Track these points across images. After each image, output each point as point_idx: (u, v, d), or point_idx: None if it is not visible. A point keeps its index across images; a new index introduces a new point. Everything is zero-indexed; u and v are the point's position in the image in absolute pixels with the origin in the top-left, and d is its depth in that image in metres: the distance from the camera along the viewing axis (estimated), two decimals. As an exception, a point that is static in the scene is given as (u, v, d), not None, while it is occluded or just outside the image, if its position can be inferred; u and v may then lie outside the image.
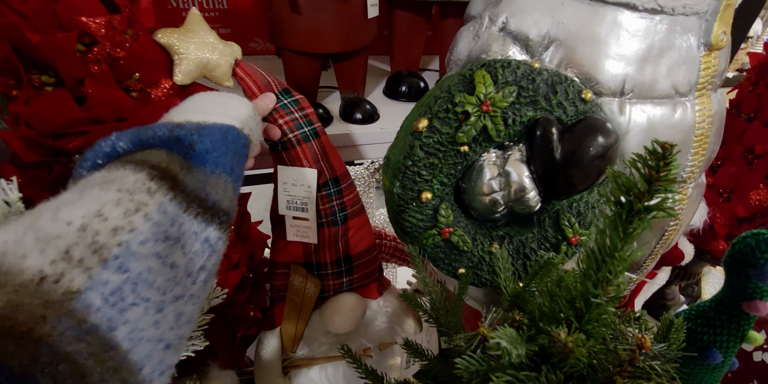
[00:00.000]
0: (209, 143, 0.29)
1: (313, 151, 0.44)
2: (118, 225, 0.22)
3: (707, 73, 0.40)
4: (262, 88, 0.41)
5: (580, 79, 0.38)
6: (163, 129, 0.29)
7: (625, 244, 0.22)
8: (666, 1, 0.36)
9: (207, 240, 0.27)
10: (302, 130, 0.43)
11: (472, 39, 0.41)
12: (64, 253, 0.20)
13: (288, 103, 0.42)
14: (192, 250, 0.25)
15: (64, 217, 0.21)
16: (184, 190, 0.26)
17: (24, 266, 0.19)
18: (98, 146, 0.28)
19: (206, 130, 0.30)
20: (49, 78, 0.33)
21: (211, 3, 0.89)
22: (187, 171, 0.27)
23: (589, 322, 0.24)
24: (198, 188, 0.27)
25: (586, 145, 0.36)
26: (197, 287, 0.26)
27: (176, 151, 0.29)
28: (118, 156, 0.28)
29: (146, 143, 0.28)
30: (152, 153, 0.28)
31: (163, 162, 0.27)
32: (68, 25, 0.32)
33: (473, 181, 0.39)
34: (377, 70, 0.93)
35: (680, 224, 0.48)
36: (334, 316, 0.54)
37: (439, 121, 0.36)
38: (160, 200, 0.24)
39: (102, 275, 0.20)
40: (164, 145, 0.29)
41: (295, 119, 0.42)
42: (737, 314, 0.41)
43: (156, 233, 0.23)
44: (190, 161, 0.28)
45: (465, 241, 0.41)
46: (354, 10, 0.64)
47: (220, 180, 0.29)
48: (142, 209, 0.23)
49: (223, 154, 0.30)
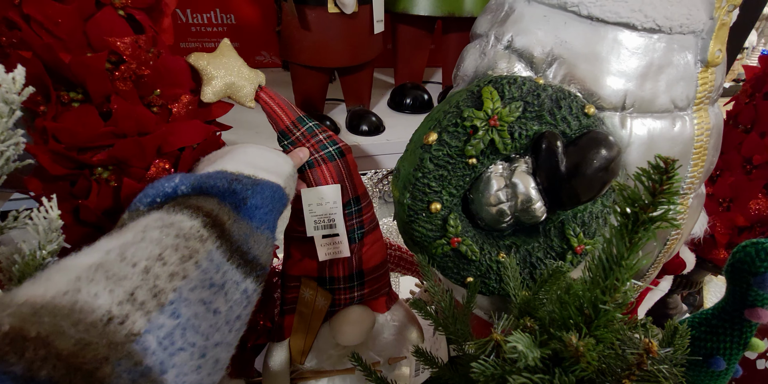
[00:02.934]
0: (260, 199, 0.31)
1: (338, 169, 0.45)
2: (174, 271, 0.23)
3: (704, 88, 0.42)
4: (286, 111, 0.43)
5: (583, 94, 0.40)
6: (223, 180, 0.31)
7: (631, 253, 0.23)
8: (663, 21, 0.38)
9: (245, 291, 0.28)
10: (327, 150, 0.44)
11: (478, 56, 0.43)
12: (130, 294, 0.21)
13: (312, 125, 0.43)
14: (233, 299, 0.26)
15: (131, 258, 0.23)
16: (230, 240, 0.27)
17: (96, 305, 0.20)
18: (161, 185, 0.30)
19: (259, 186, 0.32)
20: (76, 94, 0.35)
21: (221, 18, 0.91)
22: (234, 221, 0.29)
23: (598, 327, 0.25)
24: (242, 240, 0.28)
25: (589, 158, 0.37)
26: (232, 336, 0.27)
27: (228, 201, 0.30)
28: (176, 197, 0.30)
29: (204, 190, 0.30)
30: (207, 200, 0.29)
31: (215, 210, 0.28)
32: (97, 45, 0.34)
33: (481, 192, 0.40)
34: (382, 83, 0.95)
35: (681, 234, 0.49)
36: (344, 329, 0.55)
37: (449, 134, 0.38)
38: (209, 248, 0.26)
39: (159, 319, 0.21)
40: (219, 194, 0.30)
41: (319, 141, 0.44)
42: (739, 322, 0.42)
43: (203, 280, 0.24)
44: (240, 213, 0.30)
45: (473, 251, 0.42)
46: (360, 27, 0.66)
47: (262, 236, 0.31)
48: (194, 256, 0.24)
49: (269, 211, 0.32)
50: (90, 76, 0.33)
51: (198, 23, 0.90)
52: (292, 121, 0.43)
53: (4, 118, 0.22)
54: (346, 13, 0.62)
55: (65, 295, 0.20)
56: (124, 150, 0.37)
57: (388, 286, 0.58)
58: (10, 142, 0.23)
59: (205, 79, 0.41)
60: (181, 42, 0.89)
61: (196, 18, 0.89)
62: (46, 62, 0.32)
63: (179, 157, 0.41)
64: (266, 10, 0.92)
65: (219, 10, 0.90)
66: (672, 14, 0.37)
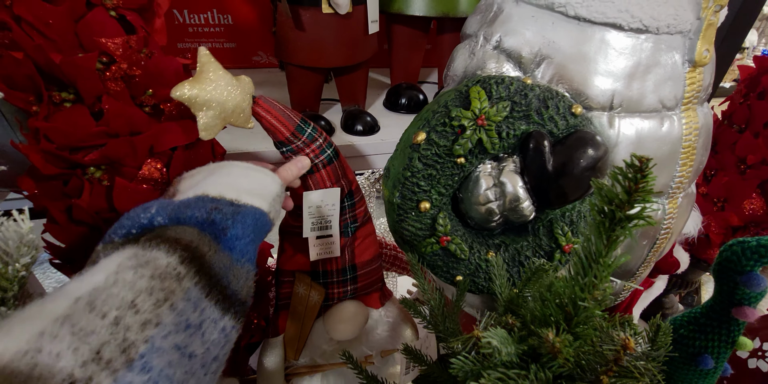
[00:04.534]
0: (240, 229, 0.30)
1: (335, 171, 0.45)
2: (148, 318, 0.22)
3: (692, 88, 0.42)
4: (284, 122, 0.42)
5: (571, 94, 0.40)
6: (202, 210, 0.29)
7: (609, 251, 0.24)
8: (650, 21, 0.38)
9: (223, 329, 0.26)
10: (326, 154, 0.44)
11: (468, 56, 0.43)
12: (96, 352, 0.20)
13: (311, 131, 0.43)
14: (210, 339, 0.25)
15: (101, 308, 0.21)
16: (209, 274, 0.26)
17: (56, 369, 0.19)
18: (136, 216, 0.28)
19: (240, 215, 0.30)
20: (68, 95, 0.35)
21: (217, 19, 0.92)
22: (214, 253, 0.28)
23: (578, 324, 0.25)
24: (221, 274, 0.27)
25: (576, 157, 0.37)
26: (208, 379, 0.25)
27: (208, 231, 0.29)
28: (153, 229, 0.28)
29: (182, 221, 0.29)
30: (185, 230, 0.28)
31: (194, 241, 0.27)
32: (88, 45, 0.34)
33: (470, 191, 0.41)
34: (378, 83, 0.95)
35: (671, 232, 0.49)
36: (338, 324, 0.55)
37: (437, 134, 0.38)
38: (187, 286, 0.25)
39: (126, 377, 0.20)
40: (198, 224, 0.29)
41: (319, 145, 0.44)
42: (727, 320, 0.42)
43: (178, 323, 0.23)
44: (219, 244, 0.29)
45: (462, 249, 0.42)
46: (355, 27, 0.67)
47: (242, 269, 0.29)
48: (170, 298, 0.23)
49: (250, 241, 0.31)
50: (81, 77, 0.33)
51: (195, 24, 0.90)
52: (291, 131, 0.42)
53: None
54: (341, 14, 0.62)
55: (24, 356, 0.19)
56: (116, 150, 0.37)
57: (381, 282, 0.58)
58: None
59: (198, 116, 0.37)
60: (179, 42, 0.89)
61: (193, 18, 0.90)
62: (37, 63, 0.33)
63: (171, 156, 0.41)
64: (263, 11, 0.92)
65: (216, 10, 0.90)
66: (659, 14, 0.38)
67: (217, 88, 0.37)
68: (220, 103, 0.37)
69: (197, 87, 0.36)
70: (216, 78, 0.37)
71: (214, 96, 0.36)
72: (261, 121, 0.42)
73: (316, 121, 0.70)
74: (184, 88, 0.35)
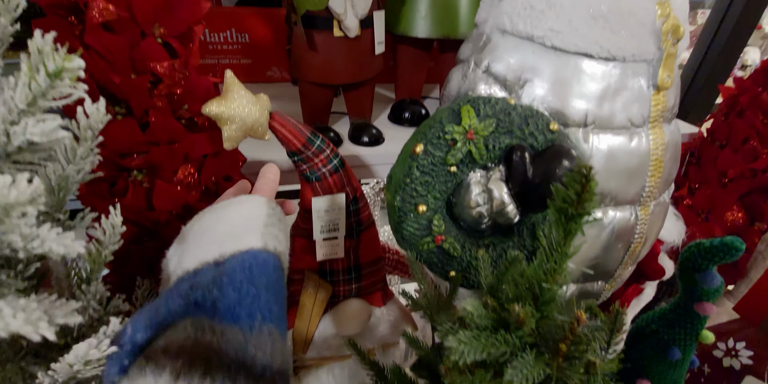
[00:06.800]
0: (233, 294, 0.25)
1: (341, 178, 0.51)
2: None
3: (657, 108, 0.48)
4: (296, 135, 0.46)
5: (550, 112, 0.46)
6: (177, 300, 0.25)
7: (567, 242, 0.29)
8: (617, 51, 0.44)
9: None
10: (333, 163, 0.49)
11: (461, 78, 0.50)
12: None
13: (320, 143, 0.47)
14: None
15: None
16: (225, 363, 0.22)
17: None
18: (119, 346, 0.24)
19: (225, 276, 0.26)
20: (120, 109, 0.42)
21: (236, 37, 0.99)
22: (221, 335, 0.23)
23: (543, 303, 0.31)
24: (240, 355, 0.23)
25: (553, 167, 0.43)
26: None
27: (201, 314, 0.25)
28: (141, 349, 0.24)
29: (165, 323, 0.25)
30: (176, 329, 0.24)
31: (189, 337, 0.23)
32: (140, 68, 0.41)
33: (462, 196, 0.47)
34: (383, 97, 1.01)
35: (645, 237, 0.55)
36: (344, 320, 0.60)
37: (432, 145, 0.44)
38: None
39: None
40: (185, 314, 0.25)
41: (327, 156, 0.48)
42: (691, 315, 0.47)
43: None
44: (221, 322, 0.24)
45: (455, 248, 0.48)
46: (363, 48, 0.73)
47: (262, 333, 0.25)
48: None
49: (254, 298, 0.25)
50: (134, 95, 0.40)
51: (215, 41, 0.98)
52: (303, 143, 0.46)
53: (87, 142, 0.27)
54: (350, 37, 0.69)
55: None
56: (157, 156, 0.43)
57: (383, 282, 0.63)
58: (90, 159, 0.28)
59: (223, 129, 0.41)
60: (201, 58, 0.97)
61: (214, 37, 0.97)
62: (98, 82, 0.39)
63: (203, 162, 0.48)
64: (277, 31, 1.00)
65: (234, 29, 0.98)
66: (624, 46, 0.44)
67: (240, 106, 0.42)
68: (242, 118, 0.42)
69: (223, 104, 0.41)
70: (239, 97, 0.42)
71: (237, 112, 0.41)
72: (276, 134, 0.46)
73: (326, 132, 0.76)
74: (212, 106, 0.41)
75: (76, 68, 0.20)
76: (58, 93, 0.21)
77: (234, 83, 0.43)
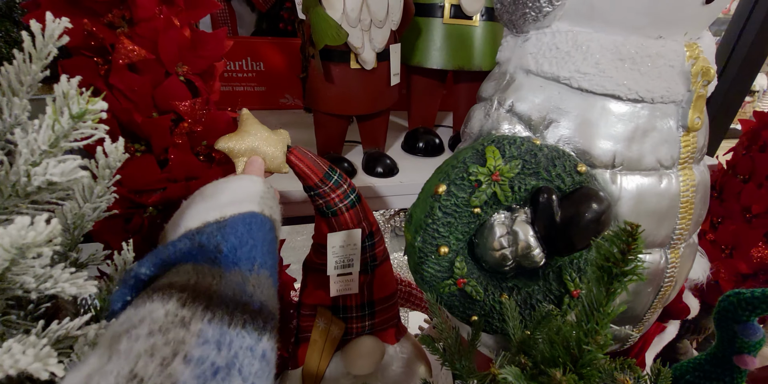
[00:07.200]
0: (235, 240, 0.27)
1: (357, 214, 0.50)
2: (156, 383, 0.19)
3: (687, 149, 0.47)
4: (314, 170, 0.46)
5: (576, 153, 0.45)
6: (183, 241, 0.27)
7: (608, 301, 0.27)
8: (645, 93, 0.43)
9: (264, 355, 0.23)
10: (349, 199, 0.49)
11: (483, 117, 0.49)
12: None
13: (337, 178, 0.47)
14: (252, 372, 0.22)
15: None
16: (223, 301, 0.23)
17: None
18: (122, 282, 0.26)
19: (228, 226, 0.28)
20: (140, 146, 0.41)
21: (251, 66, 1.01)
22: (220, 278, 0.25)
23: (583, 366, 0.28)
24: (238, 293, 0.24)
25: (582, 211, 0.42)
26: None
27: (203, 259, 0.26)
28: (144, 285, 0.26)
29: (169, 261, 0.26)
30: (178, 271, 0.25)
31: (191, 278, 0.24)
32: (163, 107, 0.40)
33: (485, 237, 0.45)
34: (396, 125, 1.01)
35: (675, 280, 0.52)
36: (356, 359, 0.58)
37: (456, 187, 0.43)
38: (198, 328, 0.22)
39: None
40: (189, 257, 0.26)
41: (344, 191, 0.48)
42: (730, 367, 0.44)
43: (201, 374, 0.20)
44: (221, 266, 0.26)
45: (478, 291, 0.46)
46: (379, 80, 0.73)
47: (260, 276, 0.27)
48: (181, 350, 0.20)
49: (252, 246, 0.28)
50: (156, 133, 0.39)
51: (231, 69, 1.00)
52: (320, 178, 0.46)
53: (105, 180, 0.27)
54: (367, 69, 0.69)
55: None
56: (174, 192, 0.42)
57: (396, 318, 0.61)
58: (106, 197, 0.28)
59: (236, 162, 0.41)
60: (217, 87, 0.98)
61: (230, 65, 0.99)
62: (121, 121, 0.39)
63: (219, 199, 0.47)
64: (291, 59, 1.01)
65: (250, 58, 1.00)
66: (653, 87, 0.43)
67: (254, 141, 0.42)
68: (255, 153, 0.42)
69: (234, 139, 0.41)
70: (254, 132, 0.42)
71: (250, 147, 0.41)
72: (294, 168, 0.46)
73: (340, 163, 0.76)
74: (223, 142, 0.41)
75: (98, 110, 0.19)
76: (79, 134, 0.20)
77: (248, 119, 0.43)
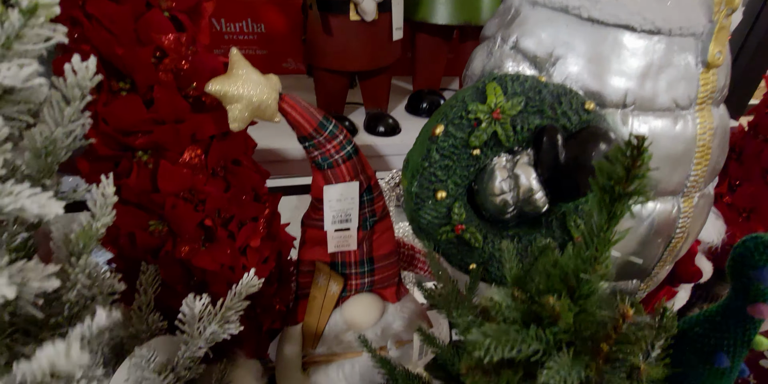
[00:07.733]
0: None
1: (354, 166, 0.48)
2: None
3: (706, 88, 0.43)
4: (307, 118, 0.44)
5: (585, 92, 0.42)
6: None
7: (610, 226, 0.25)
8: (662, 23, 0.40)
9: None
10: (346, 150, 0.47)
11: (486, 56, 0.46)
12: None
13: (332, 128, 0.45)
14: None
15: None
16: None
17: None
18: None
19: None
20: (124, 84, 0.39)
21: (251, 27, 0.98)
22: None
23: (581, 297, 0.27)
24: None
25: (588, 151, 0.39)
26: None
27: None
28: None
29: None
30: None
31: None
32: (145, 40, 0.38)
33: (485, 182, 0.43)
34: (400, 89, 0.99)
35: (687, 233, 0.50)
36: (355, 314, 0.57)
37: (454, 126, 0.40)
38: None
39: None
40: None
41: (340, 142, 0.46)
42: (743, 318, 0.42)
43: None
44: None
45: (477, 238, 0.44)
46: (380, 33, 0.70)
47: None
48: None
49: None
50: (138, 68, 0.37)
51: (231, 31, 0.97)
52: (314, 127, 0.44)
53: (76, 102, 0.25)
54: (367, 21, 0.66)
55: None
56: (162, 135, 0.41)
57: (397, 276, 0.60)
58: (80, 122, 0.26)
59: (228, 108, 0.40)
60: (215, 48, 0.96)
61: (230, 27, 0.96)
62: (101, 55, 0.37)
63: (210, 144, 0.45)
64: (294, 21, 0.98)
65: (250, 19, 0.97)
66: (670, 17, 0.39)
67: (245, 85, 0.40)
68: (248, 98, 0.40)
69: (227, 83, 0.39)
70: (245, 75, 0.40)
71: (241, 92, 0.40)
72: (286, 117, 0.44)
73: (341, 121, 0.74)
74: (216, 84, 0.39)
75: (52, 4, 0.18)
76: (35, 36, 0.18)
77: (240, 61, 0.41)
